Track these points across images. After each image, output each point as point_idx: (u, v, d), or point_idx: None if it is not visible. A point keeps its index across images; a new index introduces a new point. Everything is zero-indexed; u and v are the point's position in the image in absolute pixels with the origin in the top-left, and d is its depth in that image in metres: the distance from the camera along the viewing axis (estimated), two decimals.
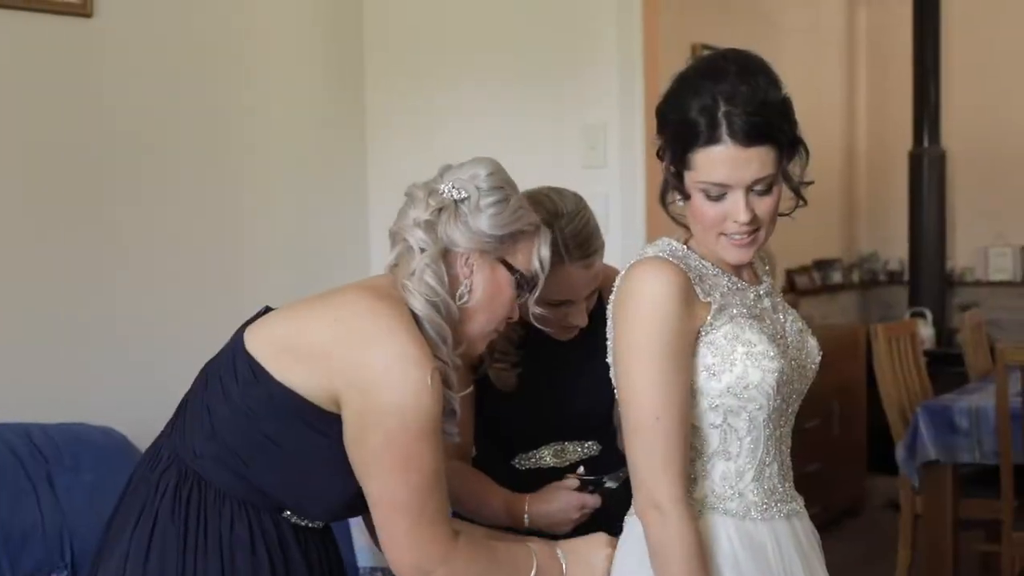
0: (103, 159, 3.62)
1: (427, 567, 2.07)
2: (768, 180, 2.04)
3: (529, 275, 2.23)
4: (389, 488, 2.06)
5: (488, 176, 2.20)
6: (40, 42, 3.46)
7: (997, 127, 8.28)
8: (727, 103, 2.00)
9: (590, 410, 2.60)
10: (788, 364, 2.10)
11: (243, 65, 4.06)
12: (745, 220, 2.03)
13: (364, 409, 2.04)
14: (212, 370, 2.19)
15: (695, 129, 2.02)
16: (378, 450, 2.04)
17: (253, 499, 2.13)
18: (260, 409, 2.09)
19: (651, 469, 2.01)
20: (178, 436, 2.18)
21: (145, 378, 3.65)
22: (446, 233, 2.16)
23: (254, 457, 2.10)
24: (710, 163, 2.02)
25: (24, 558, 2.90)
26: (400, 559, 2.09)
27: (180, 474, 2.14)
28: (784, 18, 7.70)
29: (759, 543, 2.08)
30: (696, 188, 2.05)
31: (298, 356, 2.09)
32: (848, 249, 8.69)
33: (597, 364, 2.63)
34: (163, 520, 2.12)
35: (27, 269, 3.44)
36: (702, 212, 2.06)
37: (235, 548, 2.11)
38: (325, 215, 4.34)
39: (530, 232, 2.23)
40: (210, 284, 3.90)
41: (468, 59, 4.33)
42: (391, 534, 2.08)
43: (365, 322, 2.07)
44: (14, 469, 2.96)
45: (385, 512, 2.08)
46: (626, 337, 2.04)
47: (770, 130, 2.02)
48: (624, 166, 4.06)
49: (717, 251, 2.10)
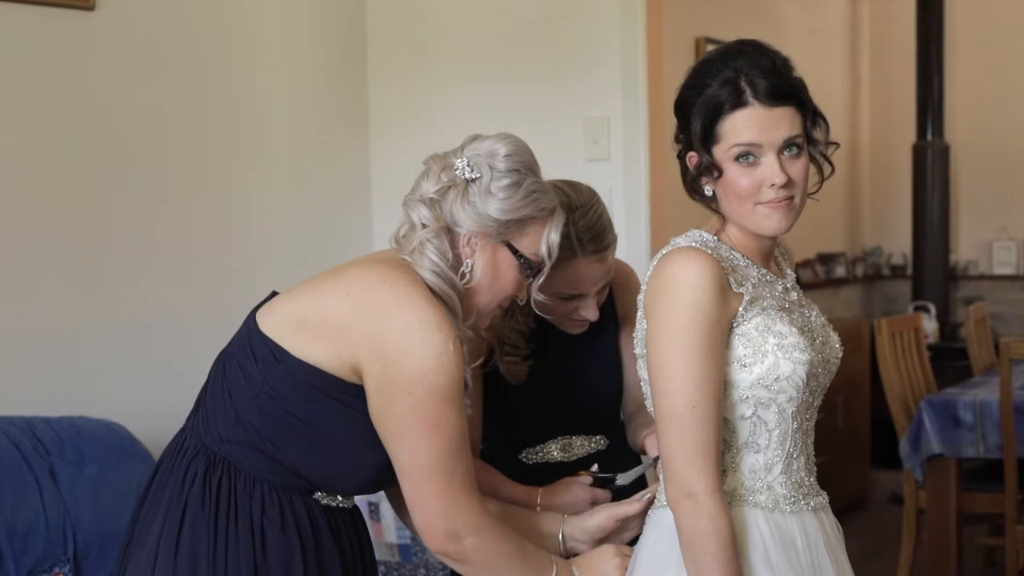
0: (104, 154, 3.62)
1: (460, 533, 2.06)
2: (797, 140, 2.05)
3: (535, 260, 2.21)
4: (418, 453, 2.04)
5: (506, 156, 2.18)
6: (42, 35, 3.46)
7: (1001, 121, 8.27)
8: (748, 72, 2.03)
9: (598, 405, 2.60)
10: (815, 356, 2.10)
11: (246, 62, 4.06)
12: (782, 181, 2.03)
13: (388, 377, 2.04)
14: (229, 357, 2.19)
15: (718, 99, 2.03)
16: (405, 416, 2.04)
17: (284, 481, 2.13)
18: (283, 388, 2.09)
19: (685, 458, 2.00)
20: (202, 425, 2.18)
21: (147, 372, 3.65)
22: (450, 212, 2.15)
23: (281, 437, 2.10)
24: (739, 126, 2.02)
25: (27, 551, 2.90)
26: (432, 526, 2.07)
27: (209, 461, 2.14)
28: (788, 12, 7.69)
29: (789, 536, 2.08)
30: (728, 158, 2.04)
31: (316, 332, 2.09)
32: (852, 243, 8.67)
33: (605, 359, 2.63)
34: (193, 507, 2.12)
35: (28, 263, 3.44)
36: (736, 182, 2.05)
37: (266, 532, 2.11)
38: (328, 213, 4.33)
39: (541, 217, 2.20)
40: (212, 280, 3.90)
41: (471, 53, 4.32)
42: (422, 501, 2.06)
43: (380, 293, 2.07)
44: (17, 463, 2.96)
45: (415, 479, 2.06)
46: (662, 327, 2.02)
47: (792, 90, 2.05)
48: (628, 159, 4.06)
49: (753, 225, 2.08)
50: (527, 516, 2.35)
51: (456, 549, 2.08)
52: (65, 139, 3.52)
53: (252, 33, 4.08)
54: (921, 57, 8.12)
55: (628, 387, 2.66)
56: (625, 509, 2.31)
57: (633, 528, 2.33)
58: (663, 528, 2.10)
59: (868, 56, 8.82)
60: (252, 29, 4.08)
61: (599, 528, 2.31)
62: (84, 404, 3.38)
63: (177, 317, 3.77)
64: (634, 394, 2.66)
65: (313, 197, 4.30)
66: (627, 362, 2.64)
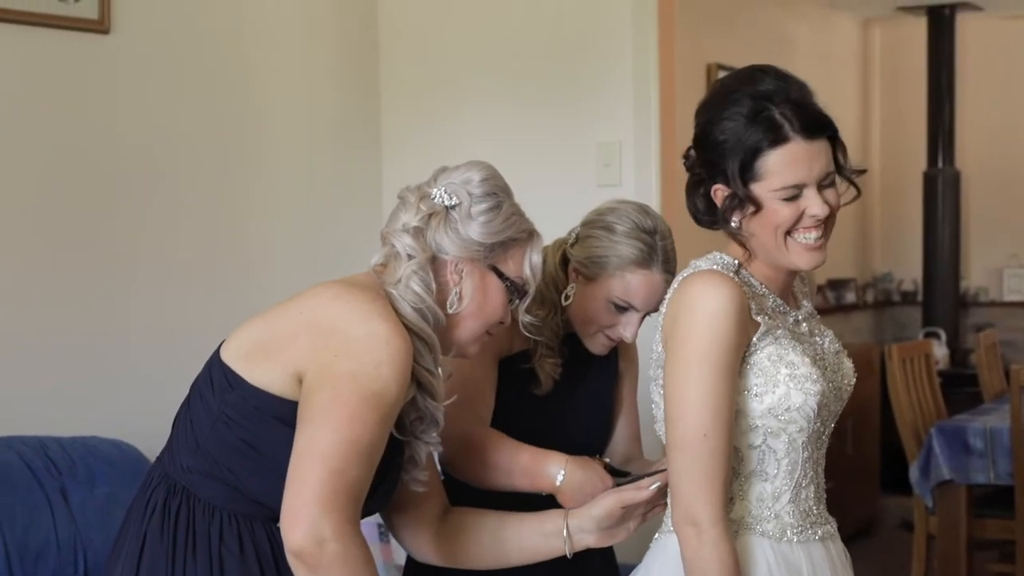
0: (117, 174, 3.64)
1: (325, 534, 1.88)
2: (832, 175, 2.05)
3: (520, 282, 2.19)
4: (319, 437, 1.92)
5: (481, 182, 2.16)
6: (57, 58, 3.48)
7: (1012, 148, 8.28)
8: (778, 104, 2.00)
9: (587, 439, 2.58)
10: (827, 386, 2.08)
11: (259, 82, 4.08)
12: (824, 213, 2.02)
13: (320, 377, 1.97)
14: (194, 386, 2.18)
15: (755, 136, 2.00)
16: (323, 404, 1.95)
17: (246, 509, 2.09)
18: (235, 415, 2.05)
19: (692, 486, 1.99)
20: (167, 455, 2.16)
21: (159, 392, 3.65)
22: (435, 240, 2.14)
23: (239, 464, 2.05)
24: (783, 165, 2.00)
25: (38, 571, 2.90)
26: (299, 510, 1.89)
27: (169, 490, 2.11)
28: (799, 38, 7.71)
29: (795, 565, 2.06)
30: (771, 197, 2.02)
31: (267, 353, 2.05)
32: (862, 269, 8.68)
33: (602, 396, 2.63)
34: (152, 536, 2.09)
35: (41, 282, 3.45)
36: (776, 213, 2.02)
37: (225, 561, 2.06)
38: (340, 232, 4.34)
39: (522, 240, 2.19)
40: (224, 298, 3.90)
41: (484, 76, 4.34)
42: (301, 482, 1.90)
43: (333, 308, 2.03)
44: (28, 482, 2.97)
45: (304, 460, 1.91)
46: (680, 351, 2.01)
47: (826, 120, 2.04)
48: (639, 184, 4.06)
49: (785, 259, 2.06)
50: (527, 517, 2.32)
51: (313, 552, 1.88)
52: (80, 161, 3.54)
53: (267, 55, 4.10)
54: (932, 84, 8.14)
55: (617, 439, 2.67)
56: (633, 495, 2.26)
57: (636, 518, 2.31)
58: (670, 554, 2.09)
59: (879, 83, 8.83)
60: (267, 51, 4.10)
61: (607, 515, 2.27)
62: (96, 424, 3.39)
63: (190, 337, 3.77)
64: (621, 448, 2.67)
65: (326, 218, 4.31)
66: (619, 412, 2.66)
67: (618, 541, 2.36)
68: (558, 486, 2.34)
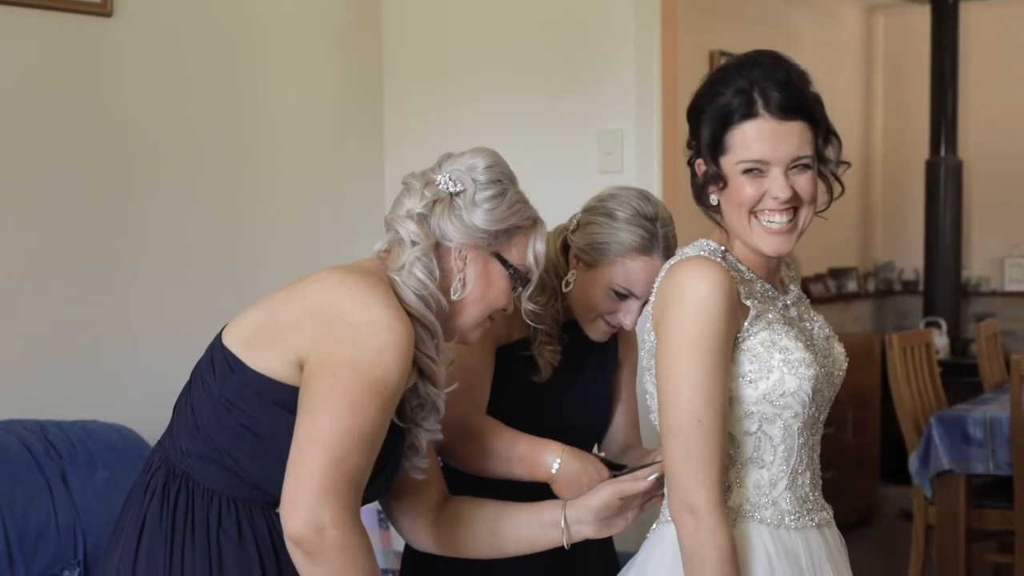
0: (121, 159, 3.63)
1: (325, 521, 1.90)
2: (806, 160, 2.03)
3: (523, 270, 2.19)
4: (320, 425, 1.93)
5: (486, 168, 2.16)
6: (60, 41, 3.48)
7: (1015, 137, 8.27)
8: (761, 83, 2.00)
9: (586, 429, 2.59)
10: (820, 371, 2.09)
11: (262, 71, 4.07)
12: (785, 196, 2.01)
13: (321, 363, 1.98)
14: (195, 370, 2.18)
15: (729, 109, 2.01)
16: (324, 391, 1.95)
17: (245, 495, 2.08)
18: (236, 399, 2.05)
19: (688, 472, 1.99)
20: (168, 439, 2.16)
21: (159, 376, 3.66)
22: (439, 227, 2.13)
23: (238, 449, 2.05)
24: (748, 139, 2.00)
25: (37, 554, 2.91)
26: (300, 499, 1.90)
27: (168, 475, 2.12)
28: (802, 26, 7.70)
29: (793, 552, 2.07)
30: (735, 171, 2.02)
31: (269, 339, 2.05)
32: (863, 258, 8.67)
33: (601, 384, 2.63)
34: (151, 523, 2.09)
35: (42, 267, 3.45)
36: (740, 190, 2.03)
37: (223, 546, 2.06)
38: (342, 223, 4.34)
39: (526, 227, 2.19)
40: (225, 286, 3.90)
41: (487, 67, 4.33)
42: (301, 470, 1.91)
43: (336, 294, 2.03)
44: (28, 466, 2.97)
45: (305, 447, 1.93)
46: (671, 338, 2.00)
47: (805, 104, 2.02)
48: (641, 171, 4.06)
49: (752, 240, 2.06)
50: (525, 507, 2.31)
51: (313, 539, 1.90)
52: (82, 146, 3.54)
53: (270, 42, 4.10)
54: (935, 73, 8.12)
55: (615, 426, 2.67)
56: (630, 486, 2.26)
57: (634, 509, 2.30)
58: (668, 544, 2.09)
59: (882, 71, 8.82)
60: (270, 38, 4.10)
61: (604, 506, 2.27)
62: (96, 408, 3.39)
63: (190, 323, 3.77)
64: (620, 436, 2.67)
65: (328, 208, 4.31)
66: (618, 399, 2.66)
67: (616, 532, 2.36)
68: (554, 474, 2.34)
